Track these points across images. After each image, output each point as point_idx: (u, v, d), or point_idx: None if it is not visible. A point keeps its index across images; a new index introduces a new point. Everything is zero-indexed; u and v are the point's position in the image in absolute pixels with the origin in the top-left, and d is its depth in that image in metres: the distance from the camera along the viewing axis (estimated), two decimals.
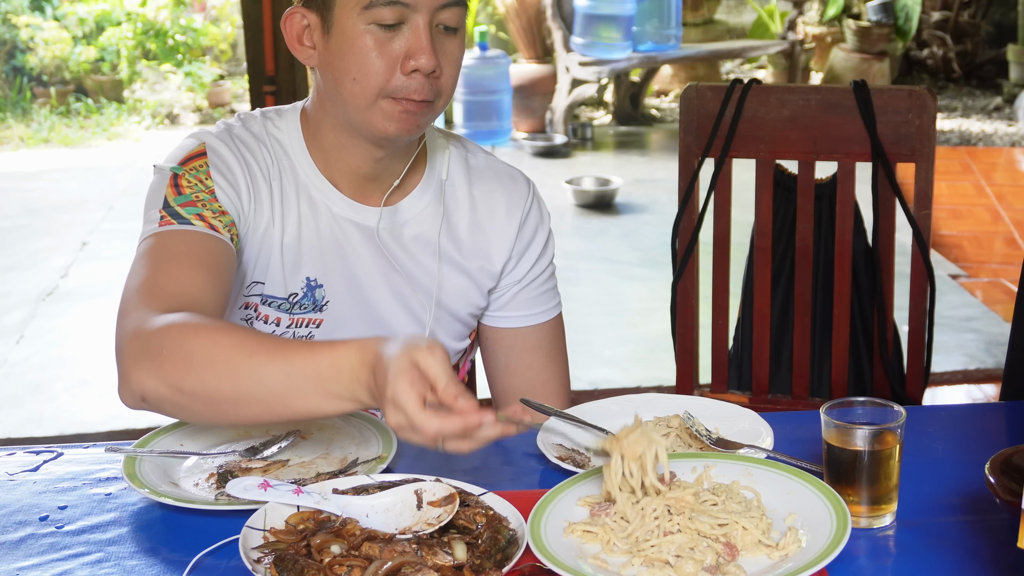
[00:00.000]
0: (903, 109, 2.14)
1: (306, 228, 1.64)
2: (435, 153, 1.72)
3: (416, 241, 1.69)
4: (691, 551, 1.22)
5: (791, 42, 7.77)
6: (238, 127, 1.65)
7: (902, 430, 1.33)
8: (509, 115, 7.29)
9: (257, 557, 1.23)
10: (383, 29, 1.51)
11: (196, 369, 1.34)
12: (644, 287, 5.02)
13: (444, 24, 1.53)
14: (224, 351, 1.34)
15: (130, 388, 1.37)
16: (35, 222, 6.18)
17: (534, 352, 1.79)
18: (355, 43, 1.52)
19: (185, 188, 1.56)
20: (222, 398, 1.34)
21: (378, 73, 1.52)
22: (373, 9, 1.50)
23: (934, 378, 3.89)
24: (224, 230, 1.55)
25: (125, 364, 1.38)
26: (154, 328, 1.38)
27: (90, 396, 3.97)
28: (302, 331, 1.67)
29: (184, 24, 8.31)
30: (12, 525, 1.40)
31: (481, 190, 1.73)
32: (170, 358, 1.35)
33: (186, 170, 1.57)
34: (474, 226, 1.72)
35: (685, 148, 2.26)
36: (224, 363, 1.33)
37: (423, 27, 1.51)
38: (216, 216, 1.55)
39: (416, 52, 1.51)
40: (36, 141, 7.75)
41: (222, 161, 1.59)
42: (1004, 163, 7.04)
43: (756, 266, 2.27)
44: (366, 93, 1.53)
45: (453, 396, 1.23)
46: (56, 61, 8.23)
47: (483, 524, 1.27)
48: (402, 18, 1.51)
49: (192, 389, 1.34)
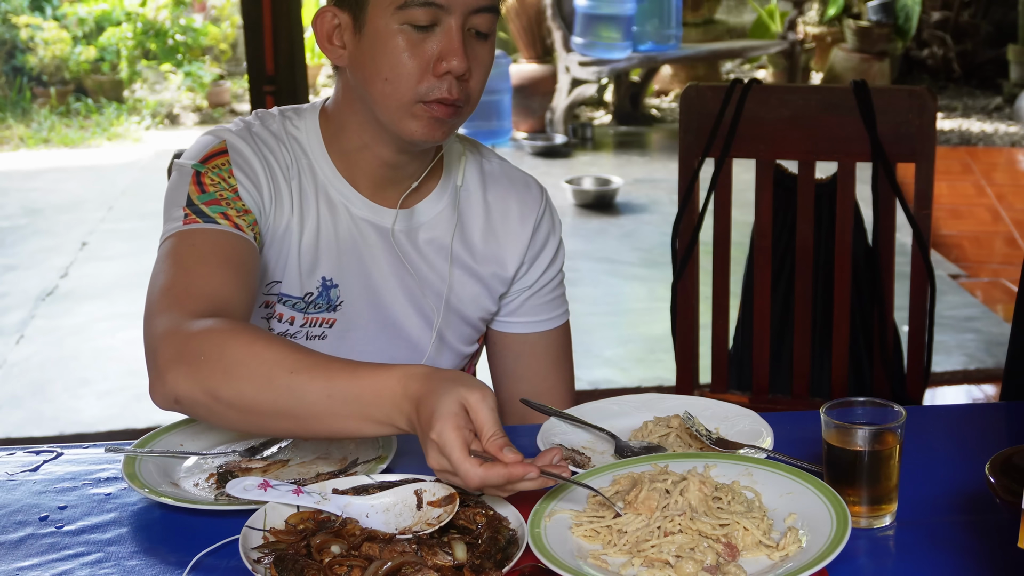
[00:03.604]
0: (903, 109, 2.14)
1: (324, 228, 1.64)
2: (451, 158, 1.72)
3: (430, 245, 1.69)
4: (691, 551, 1.22)
5: (791, 42, 7.78)
6: (257, 125, 1.64)
7: (902, 430, 1.33)
8: (509, 115, 7.29)
9: (257, 557, 1.23)
10: (416, 30, 1.51)
11: (235, 379, 1.33)
12: (644, 287, 5.02)
13: (476, 29, 1.53)
14: (264, 364, 1.33)
15: (164, 390, 1.36)
16: (35, 222, 6.18)
17: (541, 358, 1.79)
18: (387, 43, 1.51)
19: (208, 186, 1.54)
20: (259, 410, 1.34)
21: (410, 74, 1.51)
22: (407, 9, 1.49)
23: (934, 378, 3.89)
24: (248, 229, 1.54)
25: (160, 365, 1.37)
26: (191, 332, 1.37)
27: (90, 396, 3.97)
28: (315, 331, 1.66)
29: (184, 24, 8.31)
30: (12, 525, 1.39)
31: (495, 196, 1.73)
32: (207, 364, 1.34)
33: (208, 168, 1.56)
34: (488, 232, 1.72)
35: (685, 148, 2.26)
36: (264, 377, 1.33)
37: (456, 29, 1.50)
38: (240, 215, 1.54)
39: (448, 54, 1.50)
40: (36, 141, 7.75)
41: (243, 159, 1.58)
42: (1004, 163, 7.04)
43: (756, 266, 2.27)
44: (397, 94, 1.53)
45: (499, 448, 1.22)
46: (56, 61, 8.23)
47: (483, 524, 1.27)
48: (435, 19, 1.50)
49: (229, 398, 1.34)
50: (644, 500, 1.29)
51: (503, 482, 1.22)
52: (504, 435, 1.23)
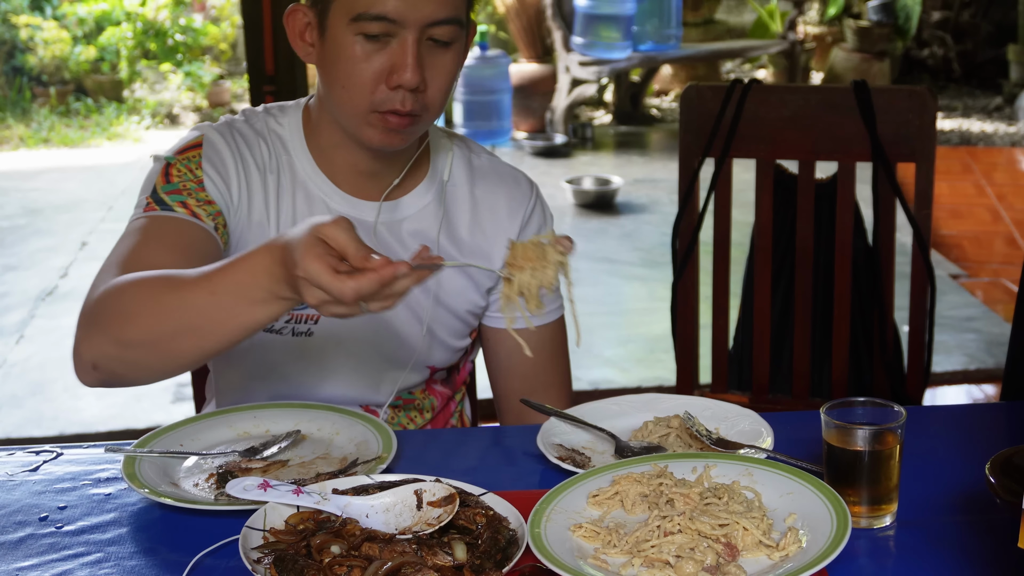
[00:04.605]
0: (903, 109, 2.14)
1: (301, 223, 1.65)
2: (438, 153, 1.73)
3: (415, 238, 1.69)
4: (691, 551, 1.22)
5: (791, 42, 7.77)
6: (240, 121, 1.67)
7: (902, 430, 1.33)
8: (509, 115, 7.29)
9: (257, 557, 1.23)
10: (370, 40, 1.52)
11: (132, 318, 1.38)
12: (644, 287, 5.02)
13: (436, 38, 1.53)
14: (153, 292, 1.38)
15: (82, 361, 1.42)
16: (35, 222, 6.18)
17: (536, 354, 1.78)
18: (344, 51, 1.53)
19: (174, 177, 1.59)
20: (161, 337, 1.37)
21: (364, 84, 1.53)
22: (360, 22, 1.51)
23: (934, 378, 3.88)
24: (208, 218, 1.57)
25: (76, 340, 1.43)
26: (95, 298, 1.43)
27: (90, 396, 3.97)
28: (301, 327, 1.67)
29: (184, 24, 8.30)
30: (12, 525, 1.39)
31: (483, 191, 1.74)
32: (108, 318, 1.40)
33: (179, 159, 1.61)
34: (475, 226, 1.73)
35: (685, 148, 2.26)
36: (155, 303, 1.37)
37: (411, 43, 1.51)
38: (201, 205, 1.58)
39: (400, 68, 1.52)
40: (36, 141, 7.74)
41: (216, 153, 1.61)
42: (1004, 163, 7.04)
43: (756, 266, 2.27)
44: (352, 103, 1.55)
45: (363, 257, 1.22)
46: (56, 61, 8.23)
47: (483, 524, 1.27)
48: (389, 32, 1.51)
49: (131, 338, 1.38)
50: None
51: (377, 286, 1.22)
52: (368, 248, 1.23)
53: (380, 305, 1.25)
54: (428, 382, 1.80)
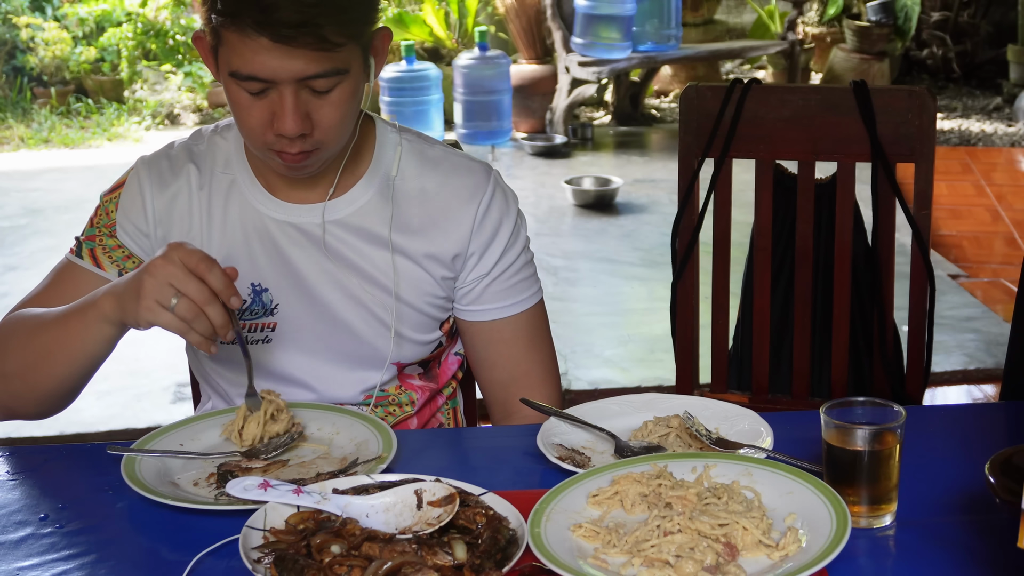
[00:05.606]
0: (903, 109, 2.14)
1: (243, 235, 1.70)
2: (384, 147, 1.73)
3: (361, 236, 1.70)
4: (691, 551, 1.22)
5: (791, 42, 7.77)
6: (178, 146, 1.76)
7: (902, 430, 1.33)
8: (509, 115, 7.29)
9: (257, 557, 1.23)
10: (251, 92, 1.54)
11: (7, 352, 1.61)
12: (644, 287, 5.02)
13: (314, 88, 1.54)
14: (24, 327, 1.61)
15: None
16: (35, 222, 6.18)
17: (512, 344, 1.77)
18: (231, 96, 1.57)
19: (96, 220, 1.74)
20: (25, 367, 1.59)
21: (253, 128, 1.57)
22: (236, 78, 1.53)
23: (934, 378, 3.89)
24: (111, 265, 1.71)
25: None
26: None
27: (90, 396, 3.96)
28: (258, 335, 1.71)
29: (184, 24, 8.30)
30: (12, 525, 1.40)
31: (434, 182, 1.73)
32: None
33: (104, 201, 1.74)
34: (425, 217, 1.72)
35: (685, 148, 2.26)
36: (23, 336, 1.60)
37: (288, 95, 1.52)
38: (107, 251, 1.72)
39: (279, 118, 1.54)
40: (36, 141, 7.74)
41: (137, 190, 1.72)
42: (1004, 163, 7.04)
43: (756, 266, 2.27)
44: (251, 140, 1.61)
45: (206, 268, 1.44)
46: (56, 61, 8.22)
47: (483, 524, 1.27)
48: (265, 87, 1.53)
49: (5, 370, 1.61)
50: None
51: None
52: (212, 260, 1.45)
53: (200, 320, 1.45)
54: (400, 377, 1.78)
